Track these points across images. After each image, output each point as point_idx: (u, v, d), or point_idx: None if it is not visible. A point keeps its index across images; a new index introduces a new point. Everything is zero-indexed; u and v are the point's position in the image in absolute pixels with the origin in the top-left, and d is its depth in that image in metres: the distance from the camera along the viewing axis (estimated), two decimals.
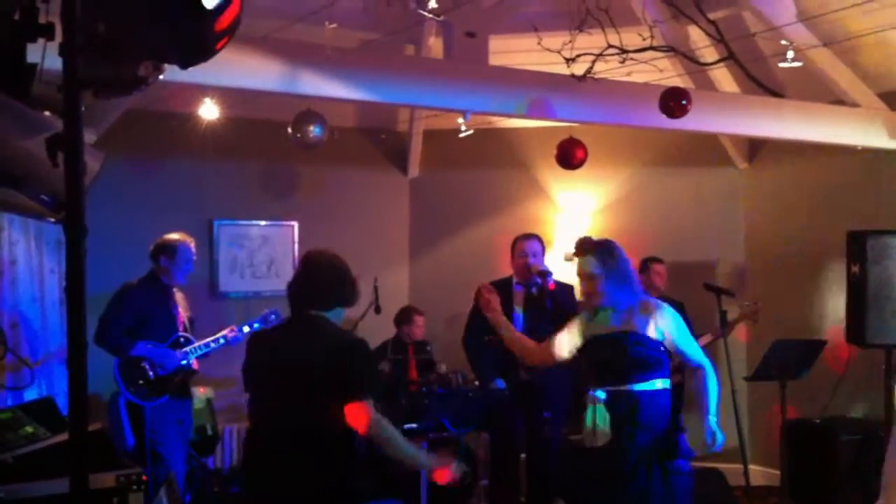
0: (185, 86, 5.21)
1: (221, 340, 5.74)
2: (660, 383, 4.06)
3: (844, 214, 6.94)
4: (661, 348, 4.06)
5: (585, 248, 4.18)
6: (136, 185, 7.00)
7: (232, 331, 5.77)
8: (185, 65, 2.03)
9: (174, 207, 7.19)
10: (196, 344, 5.67)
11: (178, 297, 5.79)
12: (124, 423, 6.35)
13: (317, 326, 3.59)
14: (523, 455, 6.08)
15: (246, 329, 5.78)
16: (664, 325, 4.04)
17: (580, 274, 4.20)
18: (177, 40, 1.96)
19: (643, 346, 4.01)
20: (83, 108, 1.85)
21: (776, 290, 7.45)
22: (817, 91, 6.71)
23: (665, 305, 4.14)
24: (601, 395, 4.15)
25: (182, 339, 5.64)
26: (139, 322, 5.50)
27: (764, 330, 7.03)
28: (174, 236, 5.73)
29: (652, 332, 4.02)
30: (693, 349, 4.16)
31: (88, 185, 3.59)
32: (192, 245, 5.73)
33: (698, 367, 4.16)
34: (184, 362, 5.58)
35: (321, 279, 3.65)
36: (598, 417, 4.13)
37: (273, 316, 5.81)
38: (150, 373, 5.49)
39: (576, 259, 4.23)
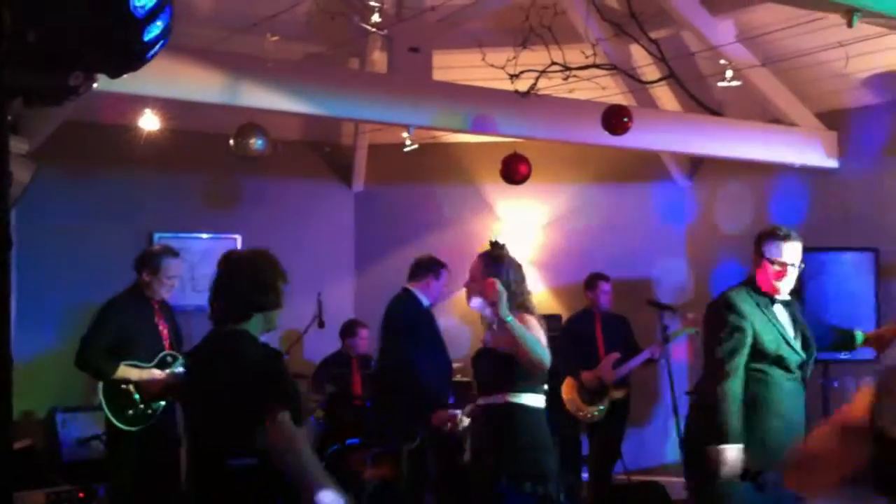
0: (125, 97, 5.13)
1: None
2: (525, 397, 3.86)
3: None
4: (511, 364, 3.83)
5: (480, 253, 4.07)
6: (74, 196, 6.88)
7: None
8: (114, 74, 1.99)
9: (113, 219, 7.08)
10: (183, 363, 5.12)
11: (164, 310, 5.33)
12: (61, 441, 6.21)
13: (230, 343, 3.19)
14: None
15: None
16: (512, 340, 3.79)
17: None
18: (107, 50, 1.92)
19: (495, 360, 3.86)
20: (11, 118, 1.80)
21: None
22: (756, 110, 6.84)
23: (529, 320, 3.86)
24: (467, 408, 4.13)
25: (169, 358, 5.18)
26: (123, 341, 5.04)
27: None
28: (158, 248, 5.34)
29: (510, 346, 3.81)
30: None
31: (17, 197, 3.52)
32: (179, 259, 5.31)
33: None
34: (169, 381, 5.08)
35: (239, 287, 3.20)
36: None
37: None
38: (136, 396, 5.02)
39: None
